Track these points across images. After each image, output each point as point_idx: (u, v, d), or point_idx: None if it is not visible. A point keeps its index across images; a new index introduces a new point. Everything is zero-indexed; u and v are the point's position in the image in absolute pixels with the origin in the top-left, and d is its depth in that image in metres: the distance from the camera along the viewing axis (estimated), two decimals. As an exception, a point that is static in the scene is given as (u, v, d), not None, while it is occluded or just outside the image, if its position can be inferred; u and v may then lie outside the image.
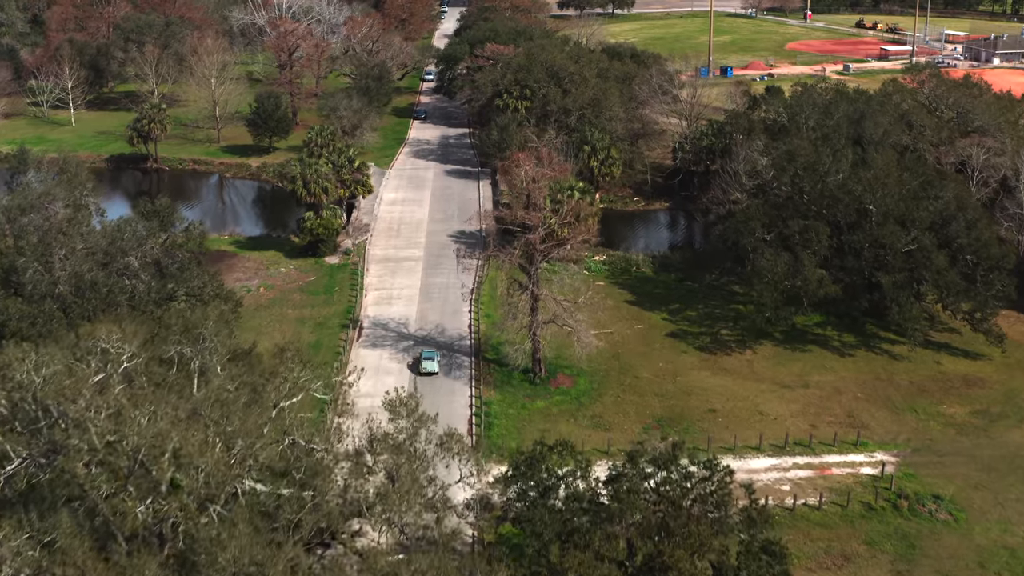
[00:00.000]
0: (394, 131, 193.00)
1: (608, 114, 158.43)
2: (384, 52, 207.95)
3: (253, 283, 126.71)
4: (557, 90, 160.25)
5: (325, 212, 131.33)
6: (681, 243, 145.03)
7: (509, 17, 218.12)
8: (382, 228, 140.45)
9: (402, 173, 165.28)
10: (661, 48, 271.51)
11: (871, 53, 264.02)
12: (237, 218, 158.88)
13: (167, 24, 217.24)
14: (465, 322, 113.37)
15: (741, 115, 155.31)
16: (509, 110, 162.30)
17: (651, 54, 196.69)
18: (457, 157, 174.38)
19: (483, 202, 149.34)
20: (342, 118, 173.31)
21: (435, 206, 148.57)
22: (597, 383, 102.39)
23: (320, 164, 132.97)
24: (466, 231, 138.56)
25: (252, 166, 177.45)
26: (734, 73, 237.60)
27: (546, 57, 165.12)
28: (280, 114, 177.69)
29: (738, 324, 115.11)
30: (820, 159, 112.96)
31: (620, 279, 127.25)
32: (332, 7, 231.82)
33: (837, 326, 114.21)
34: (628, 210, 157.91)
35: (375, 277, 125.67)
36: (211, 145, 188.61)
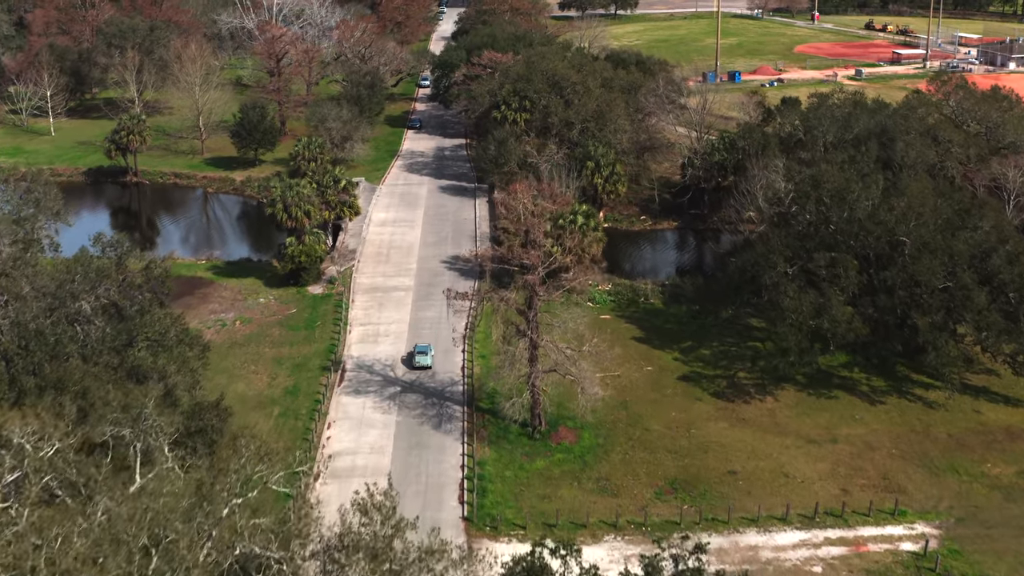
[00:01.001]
0: (387, 142, 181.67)
1: (613, 127, 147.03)
2: (377, 58, 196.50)
3: (229, 316, 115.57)
4: (558, 101, 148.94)
5: (308, 237, 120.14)
6: (691, 267, 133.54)
7: (508, 21, 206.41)
8: (370, 253, 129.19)
9: (394, 190, 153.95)
10: (665, 51, 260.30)
11: (883, 57, 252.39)
12: (217, 239, 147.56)
13: (151, 29, 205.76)
14: (458, 363, 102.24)
15: (755, 128, 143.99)
16: (507, 123, 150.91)
17: (657, 60, 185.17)
18: (452, 171, 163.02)
19: (479, 222, 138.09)
20: (331, 129, 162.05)
21: (428, 227, 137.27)
22: (603, 437, 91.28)
23: (302, 186, 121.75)
24: (460, 256, 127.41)
25: (236, 180, 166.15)
26: (742, 78, 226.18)
27: (547, 66, 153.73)
28: (266, 125, 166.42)
29: (757, 365, 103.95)
30: (849, 186, 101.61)
31: (627, 312, 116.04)
32: (324, 9, 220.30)
33: (865, 367, 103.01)
34: (634, 229, 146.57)
35: (361, 310, 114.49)
36: (194, 157, 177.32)
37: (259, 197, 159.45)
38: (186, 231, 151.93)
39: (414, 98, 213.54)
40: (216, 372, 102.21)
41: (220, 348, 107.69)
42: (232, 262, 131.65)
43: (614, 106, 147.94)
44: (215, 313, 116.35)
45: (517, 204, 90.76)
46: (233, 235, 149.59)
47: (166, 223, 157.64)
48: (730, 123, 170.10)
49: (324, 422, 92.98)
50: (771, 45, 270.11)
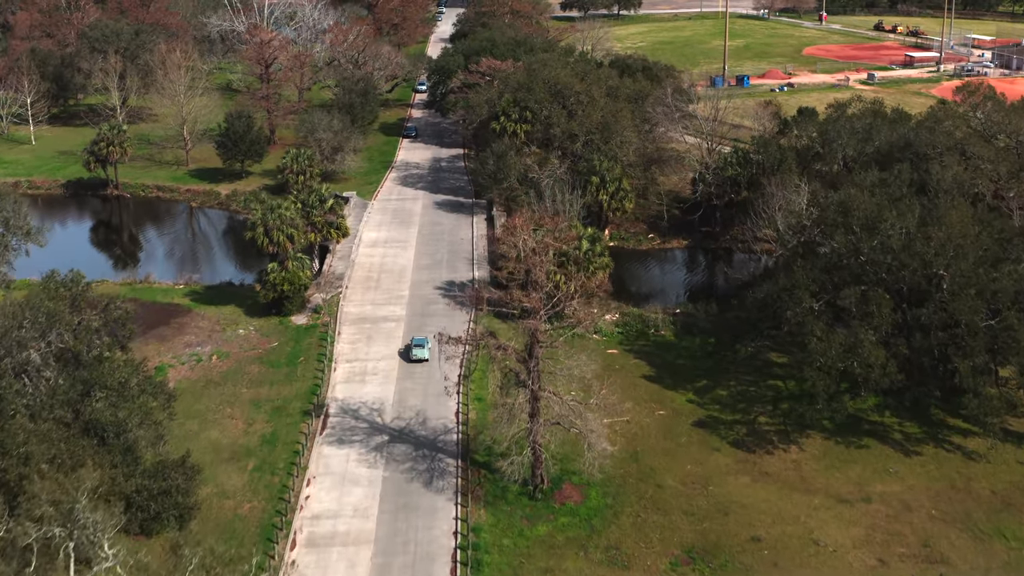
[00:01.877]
0: (381, 152, 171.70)
1: (619, 140, 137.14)
2: (372, 62, 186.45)
3: (205, 349, 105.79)
4: (561, 112, 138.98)
5: (291, 263, 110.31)
6: (704, 292, 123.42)
7: (508, 24, 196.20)
8: (359, 277, 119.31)
9: (387, 205, 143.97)
10: (670, 53, 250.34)
11: (895, 60, 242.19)
12: (198, 259, 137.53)
13: (136, 32, 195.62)
14: (451, 407, 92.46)
15: (770, 142, 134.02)
16: (507, 135, 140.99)
17: (664, 66, 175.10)
18: (449, 185, 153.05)
19: (476, 242, 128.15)
20: (321, 141, 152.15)
21: (422, 248, 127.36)
22: (612, 496, 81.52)
23: (284, 208, 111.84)
24: (456, 281, 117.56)
25: (221, 194, 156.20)
26: (751, 82, 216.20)
27: (548, 74, 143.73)
28: (252, 136, 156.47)
29: (779, 408, 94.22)
30: (882, 214, 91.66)
31: (636, 345, 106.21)
32: (317, 12, 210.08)
33: (896, 409, 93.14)
34: (641, 249, 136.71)
35: (347, 344, 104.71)
36: (179, 168, 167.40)
37: (244, 212, 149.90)
38: (166, 250, 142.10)
39: (410, 104, 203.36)
40: (188, 416, 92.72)
41: (194, 387, 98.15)
42: (212, 287, 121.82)
43: (620, 117, 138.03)
44: (190, 346, 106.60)
45: (517, 239, 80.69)
46: (215, 255, 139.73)
47: (146, 241, 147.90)
48: (740, 131, 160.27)
49: (303, 478, 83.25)
50: (779, 47, 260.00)
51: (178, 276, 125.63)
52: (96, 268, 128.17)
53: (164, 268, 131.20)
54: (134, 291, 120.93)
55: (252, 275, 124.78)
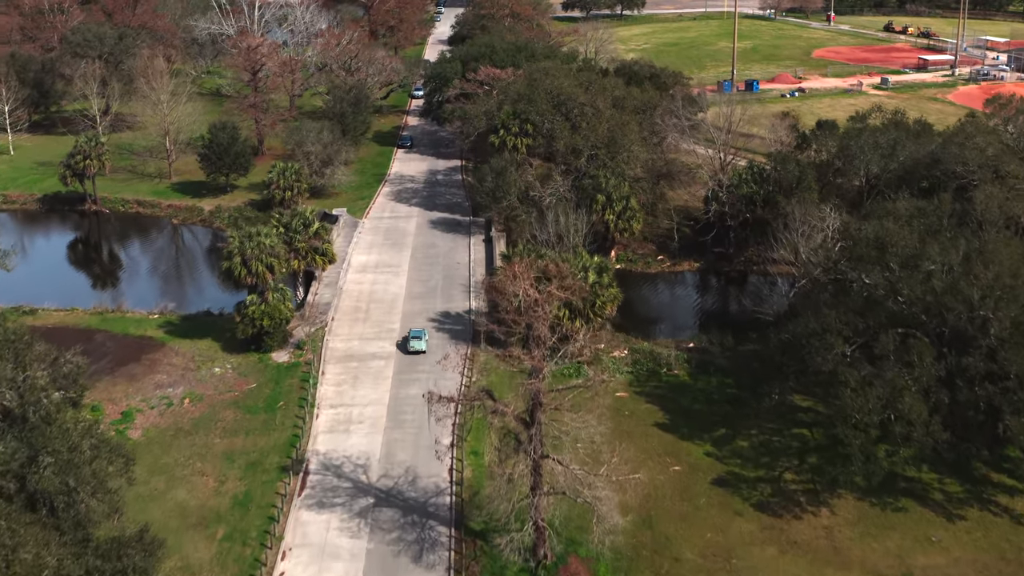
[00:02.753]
0: (374, 163, 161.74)
1: (626, 155, 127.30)
2: (365, 68, 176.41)
3: (177, 391, 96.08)
4: (564, 124, 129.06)
5: (272, 295, 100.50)
6: (719, 321, 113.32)
7: (508, 28, 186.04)
8: (347, 308, 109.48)
9: (379, 224, 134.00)
10: (676, 56, 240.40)
11: (908, 63, 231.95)
12: (176, 284, 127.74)
13: (120, 37, 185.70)
14: (445, 464, 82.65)
15: (788, 157, 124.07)
16: (507, 149, 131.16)
17: (672, 73, 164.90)
18: (445, 201, 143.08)
19: (474, 267, 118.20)
20: (309, 154, 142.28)
21: (415, 274, 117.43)
22: (624, 572, 71.79)
23: (264, 235, 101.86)
24: (451, 312, 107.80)
25: (204, 210, 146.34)
26: (760, 87, 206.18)
27: (551, 84, 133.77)
28: (238, 148, 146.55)
29: (806, 462, 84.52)
30: (924, 250, 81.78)
31: (647, 387, 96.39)
32: (310, 14, 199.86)
33: (934, 462, 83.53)
34: (650, 272, 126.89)
35: (332, 386, 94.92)
36: (161, 181, 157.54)
37: (227, 230, 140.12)
38: (142, 273, 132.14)
39: (406, 111, 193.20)
40: (154, 471, 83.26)
41: (163, 436, 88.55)
42: (189, 316, 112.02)
43: (627, 131, 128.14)
44: (161, 387, 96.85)
45: (517, 288, 70.77)
46: (194, 278, 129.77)
47: (122, 262, 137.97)
48: (753, 140, 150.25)
49: (278, 550, 73.57)
50: (787, 49, 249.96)
51: (153, 304, 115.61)
52: (67, 294, 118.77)
53: (139, 293, 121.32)
54: (105, 321, 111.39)
55: (233, 302, 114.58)
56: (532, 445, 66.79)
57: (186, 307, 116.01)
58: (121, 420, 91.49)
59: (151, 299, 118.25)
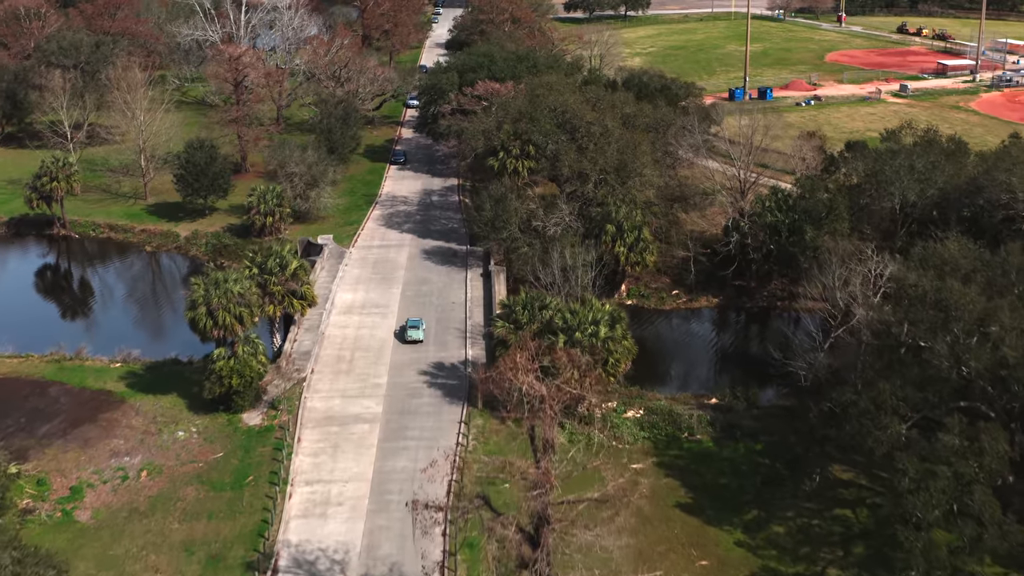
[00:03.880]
0: (364, 182, 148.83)
1: (638, 180, 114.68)
2: (356, 78, 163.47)
3: (134, 461, 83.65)
4: (570, 146, 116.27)
5: (242, 348, 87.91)
6: (743, 368, 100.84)
7: (508, 34, 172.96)
8: (329, 357, 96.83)
9: (367, 254, 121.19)
10: (683, 60, 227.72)
11: (926, 68, 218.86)
12: (142, 325, 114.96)
13: (96, 45, 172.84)
14: (435, 555, 70.12)
15: (817, 184, 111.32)
16: (507, 173, 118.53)
17: (684, 84, 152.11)
18: (441, 226, 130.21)
19: (471, 308, 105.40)
20: (293, 175, 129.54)
21: (406, 316, 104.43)
22: None
23: (233, 282, 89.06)
24: (446, 363, 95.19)
25: (180, 236, 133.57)
26: (774, 95, 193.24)
27: (554, 100, 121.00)
28: (216, 168, 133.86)
29: (851, 553, 72.16)
30: (995, 314, 69.15)
31: (667, 456, 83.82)
32: (299, 19, 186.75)
33: (1002, 556, 71.11)
34: (664, 308, 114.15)
35: (308, 456, 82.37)
36: (136, 202, 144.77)
37: (207, 258, 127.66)
38: (108, 310, 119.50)
39: (400, 122, 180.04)
40: (102, 566, 71.34)
41: (114, 519, 76.27)
42: (154, 365, 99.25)
43: (639, 153, 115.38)
44: (117, 455, 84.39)
45: (518, 380, 57.98)
46: (164, 317, 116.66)
47: (87, 297, 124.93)
48: (768, 155, 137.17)
49: None
50: (799, 52, 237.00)
51: (116, 349, 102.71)
52: (24, 335, 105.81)
53: (102, 335, 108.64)
54: (62, 371, 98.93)
55: (203, 345, 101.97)
56: (538, 567, 54.26)
57: (153, 351, 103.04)
58: (70, 497, 79.28)
59: (115, 341, 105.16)
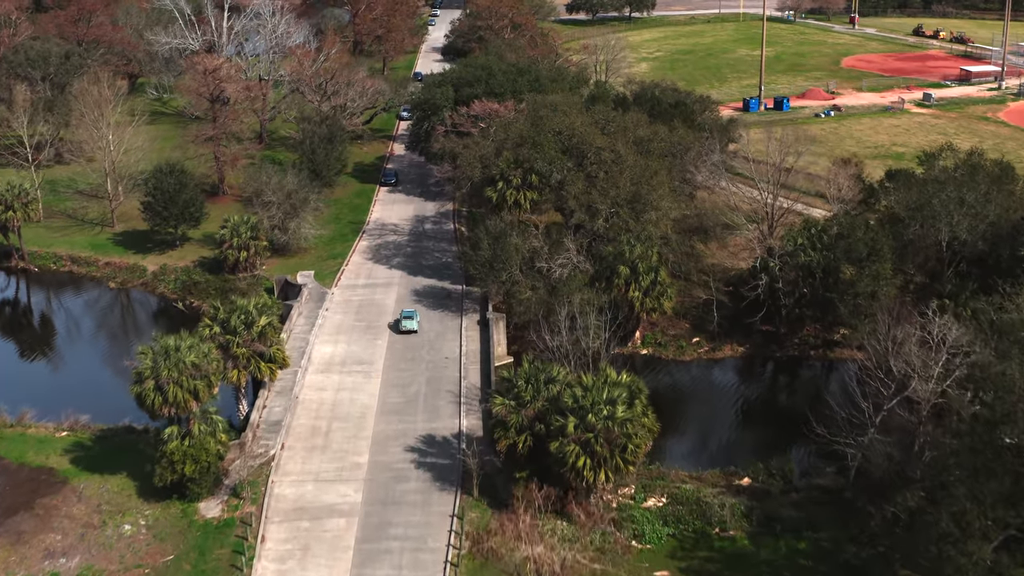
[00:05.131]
0: (351, 206, 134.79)
1: (655, 214, 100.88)
2: (345, 91, 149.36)
3: (71, 564, 70.19)
4: (578, 175, 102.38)
5: (197, 427, 74.20)
6: (776, 435, 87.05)
7: (508, 44, 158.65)
8: (302, 429, 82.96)
9: (351, 296, 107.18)
10: (692, 66, 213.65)
11: (948, 73, 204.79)
12: (96, 381, 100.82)
13: (66, 56, 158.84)
14: None
15: (857, 222, 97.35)
16: (506, 206, 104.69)
17: (699, 98, 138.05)
18: (434, 260, 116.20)
19: (465, 366, 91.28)
20: (270, 204, 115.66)
21: (392, 375, 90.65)
22: None
23: (185, 351, 74.88)
24: (436, 437, 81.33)
25: (148, 270, 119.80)
26: (791, 105, 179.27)
27: (560, 123, 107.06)
28: (187, 195, 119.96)
29: None
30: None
31: (695, 558, 70.10)
32: (285, 23, 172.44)
33: None
34: (684, 359, 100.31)
35: (273, 561, 68.51)
36: (102, 230, 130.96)
37: (175, 298, 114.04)
38: (59, 362, 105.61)
39: (392, 136, 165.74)
40: None
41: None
42: (106, 434, 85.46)
43: (656, 183, 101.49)
44: (53, 555, 70.88)
45: (521, 552, 43.40)
46: (121, 372, 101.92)
47: (38, 346, 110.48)
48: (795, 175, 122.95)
49: None
50: (813, 57, 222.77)
51: (63, 414, 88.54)
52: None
53: (51, 395, 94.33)
54: (0, 440, 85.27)
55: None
56: None
57: (105, 414, 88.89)
58: (-11, 613, 65.79)
59: (64, 402, 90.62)
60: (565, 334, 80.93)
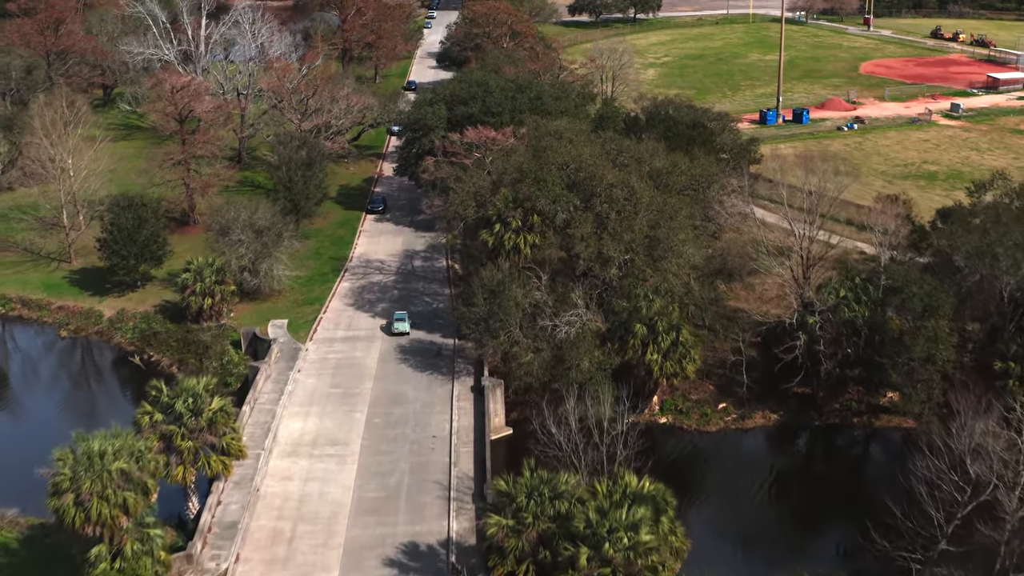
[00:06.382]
0: (334, 239, 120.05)
1: (675, 262, 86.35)
2: (328, 108, 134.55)
3: None
4: (586, 215, 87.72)
5: (130, 547, 59.84)
6: (822, 517, 72.90)
7: (506, 55, 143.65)
8: (262, 533, 68.48)
9: (327, 355, 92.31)
10: (702, 73, 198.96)
11: (974, 80, 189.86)
12: (26, 464, 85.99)
13: (28, 70, 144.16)
14: None
15: (912, 276, 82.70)
16: (504, 252, 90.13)
17: (717, 115, 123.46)
18: (423, 306, 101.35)
19: (456, 449, 76.67)
20: (239, 243, 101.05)
21: (369, 460, 75.95)
22: None
23: (111, 457, 60.19)
24: (420, 546, 66.86)
25: (104, 316, 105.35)
26: (811, 117, 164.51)
27: (565, 154, 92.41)
28: (148, 232, 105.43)
29: None
30: None
31: None
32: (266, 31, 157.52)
33: None
34: (709, 429, 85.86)
35: None
36: (59, 267, 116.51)
37: (134, 348, 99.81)
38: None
39: (382, 154, 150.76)
40: None
41: None
42: (34, 533, 71.35)
43: (676, 227, 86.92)
44: None
45: None
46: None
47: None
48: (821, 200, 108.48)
49: None
50: (829, 61, 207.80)
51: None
52: None
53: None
54: (-98, 541, 71.08)
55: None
56: None
57: (38, 502, 74.36)
58: None
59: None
60: (574, 425, 66.42)
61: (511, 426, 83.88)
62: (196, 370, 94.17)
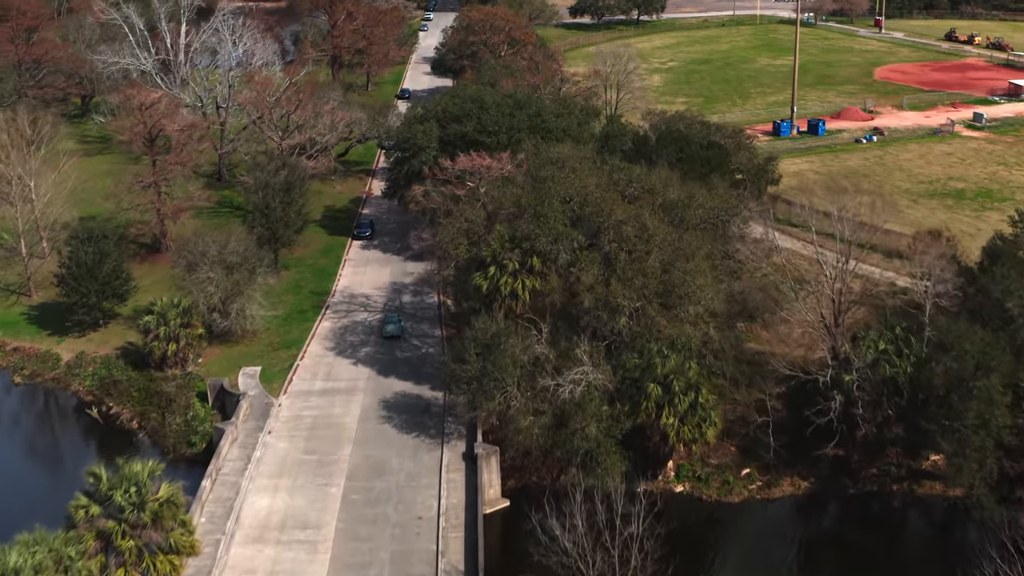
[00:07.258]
0: (315, 270, 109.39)
1: (693, 310, 75.83)
2: (312, 124, 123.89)
3: None
4: (592, 256, 77.21)
5: None
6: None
7: (503, 66, 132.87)
8: (216, 646, 58.32)
9: (302, 411, 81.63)
10: (710, 79, 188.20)
11: (995, 87, 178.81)
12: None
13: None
14: None
15: (963, 330, 72.08)
16: (500, 297, 79.56)
17: (732, 132, 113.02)
18: (411, 351, 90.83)
19: (446, 530, 66.14)
20: (207, 281, 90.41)
21: (344, 547, 65.29)
22: None
23: (37, 554, 50.14)
24: (401, 662, 56.59)
25: (62, 360, 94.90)
26: (827, 128, 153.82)
27: (568, 186, 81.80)
28: (109, 267, 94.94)
29: None
30: None
31: None
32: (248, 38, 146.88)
33: None
34: (731, 500, 75.39)
35: None
36: (18, 301, 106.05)
37: (91, 400, 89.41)
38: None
39: (372, 171, 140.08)
40: None
41: None
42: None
43: (695, 269, 76.36)
44: None
45: None
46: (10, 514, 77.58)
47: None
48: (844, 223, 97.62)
49: None
50: (841, 67, 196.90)
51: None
52: None
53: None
54: None
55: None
56: None
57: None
58: None
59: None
60: (582, 524, 55.95)
61: (507, 497, 73.57)
62: (158, 426, 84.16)
